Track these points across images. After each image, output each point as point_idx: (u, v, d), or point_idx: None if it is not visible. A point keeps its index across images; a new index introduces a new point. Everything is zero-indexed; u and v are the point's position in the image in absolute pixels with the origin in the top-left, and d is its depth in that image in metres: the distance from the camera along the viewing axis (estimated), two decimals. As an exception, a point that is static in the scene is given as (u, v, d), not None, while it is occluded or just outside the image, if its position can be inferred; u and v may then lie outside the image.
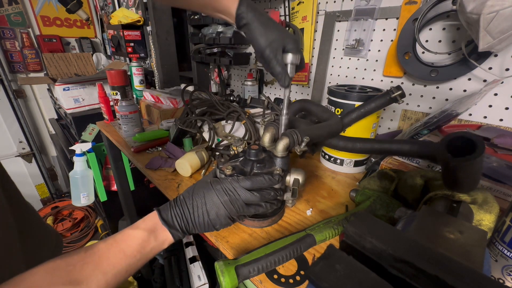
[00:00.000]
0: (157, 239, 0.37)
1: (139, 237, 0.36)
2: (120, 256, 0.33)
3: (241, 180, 0.42)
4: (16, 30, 2.02)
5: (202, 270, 1.05)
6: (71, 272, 0.29)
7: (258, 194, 0.42)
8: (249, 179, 0.42)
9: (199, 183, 0.43)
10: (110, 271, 0.32)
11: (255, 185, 0.42)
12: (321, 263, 0.26)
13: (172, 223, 0.38)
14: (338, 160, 0.73)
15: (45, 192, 2.47)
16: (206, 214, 0.39)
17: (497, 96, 0.63)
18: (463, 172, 0.37)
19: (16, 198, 0.50)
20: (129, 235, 0.36)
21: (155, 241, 0.37)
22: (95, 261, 0.32)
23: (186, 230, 0.39)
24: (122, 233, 0.36)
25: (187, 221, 0.39)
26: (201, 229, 0.40)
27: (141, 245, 0.35)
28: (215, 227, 0.40)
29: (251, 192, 0.41)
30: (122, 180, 1.39)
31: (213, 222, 0.39)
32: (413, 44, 0.71)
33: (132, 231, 0.36)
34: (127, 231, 0.36)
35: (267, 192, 0.44)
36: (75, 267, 0.30)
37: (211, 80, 1.53)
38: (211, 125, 0.81)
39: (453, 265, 0.23)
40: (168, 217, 0.38)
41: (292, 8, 1.00)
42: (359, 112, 0.63)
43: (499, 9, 0.45)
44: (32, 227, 0.53)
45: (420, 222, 0.33)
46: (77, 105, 1.54)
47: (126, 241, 0.35)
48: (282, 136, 0.50)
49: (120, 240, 0.35)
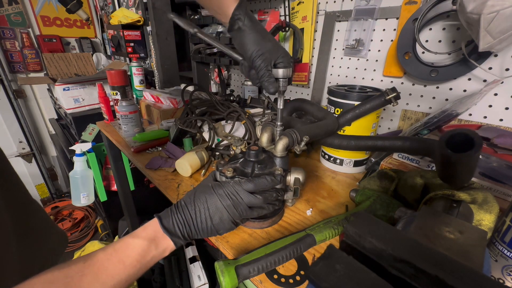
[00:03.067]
0: (158, 248, 0.36)
1: (139, 246, 0.35)
2: (119, 267, 0.33)
3: (243, 183, 0.41)
4: (16, 30, 2.02)
5: (202, 270, 1.05)
6: (69, 284, 0.29)
7: (261, 197, 0.42)
8: (252, 182, 0.42)
9: (200, 188, 0.42)
10: (109, 283, 0.31)
11: (258, 188, 0.42)
12: (321, 263, 0.26)
13: (173, 230, 0.37)
14: (338, 160, 0.73)
15: (45, 192, 2.46)
16: (210, 220, 0.38)
17: (497, 96, 0.63)
18: (462, 167, 0.37)
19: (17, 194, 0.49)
20: (129, 245, 0.35)
21: (155, 250, 0.36)
22: (93, 272, 0.31)
23: (188, 236, 0.38)
24: (121, 242, 0.35)
25: (189, 228, 0.38)
26: (204, 234, 0.39)
27: (141, 254, 0.35)
28: (219, 232, 0.40)
29: (254, 195, 0.41)
30: (122, 180, 1.39)
31: (217, 228, 0.39)
32: (413, 44, 0.71)
33: (132, 240, 0.35)
34: (127, 240, 0.35)
35: (270, 193, 0.43)
36: (73, 279, 0.29)
37: (211, 80, 1.53)
38: (211, 125, 0.81)
39: (453, 265, 0.23)
40: (170, 225, 0.38)
41: (292, 8, 1.00)
42: (354, 113, 0.63)
43: (499, 9, 0.45)
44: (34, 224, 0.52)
45: (420, 222, 0.33)
46: (77, 105, 1.54)
47: (126, 251, 0.34)
48: (282, 136, 0.50)
49: (119, 250, 0.34)
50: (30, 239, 0.50)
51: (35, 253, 0.51)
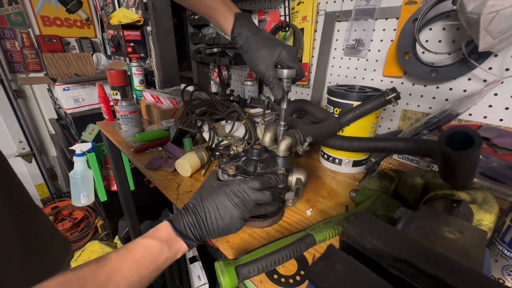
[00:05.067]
0: (171, 250, 0.36)
1: (152, 247, 0.35)
2: (132, 268, 0.32)
3: (249, 181, 0.42)
4: (16, 30, 2.02)
5: (202, 270, 1.05)
6: (82, 286, 0.28)
7: (268, 193, 0.42)
8: (258, 180, 0.42)
9: (205, 189, 0.42)
10: (122, 284, 0.31)
11: (263, 185, 0.42)
12: (321, 263, 0.26)
13: (186, 233, 0.37)
14: (337, 160, 0.73)
15: (45, 192, 2.46)
16: (220, 220, 0.38)
17: (497, 96, 0.63)
18: (462, 165, 0.37)
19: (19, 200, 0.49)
20: (142, 245, 0.35)
21: (168, 251, 0.36)
22: (107, 273, 0.30)
23: (200, 238, 0.38)
24: (134, 243, 0.35)
25: (201, 229, 0.38)
26: (216, 235, 0.39)
27: (154, 255, 0.34)
28: (230, 232, 0.40)
29: (262, 192, 0.42)
30: (122, 180, 1.39)
31: (228, 227, 0.39)
32: (413, 44, 0.71)
33: (145, 240, 0.35)
34: (140, 241, 0.35)
35: (275, 190, 0.44)
36: (86, 280, 0.29)
37: (211, 80, 1.53)
38: (211, 125, 0.81)
39: (453, 265, 0.23)
40: (182, 227, 0.37)
41: (292, 8, 1.00)
42: (354, 113, 0.63)
43: (499, 9, 0.45)
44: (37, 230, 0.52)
45: (420, 222, 0.33)
46: (77, 105, 1.54)
47: (139, 251, 0.34)
48: (285, 136, 0.50)
49: (132, 250, 0.34)
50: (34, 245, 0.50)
51: (39, 260, 0.50)
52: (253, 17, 1.22)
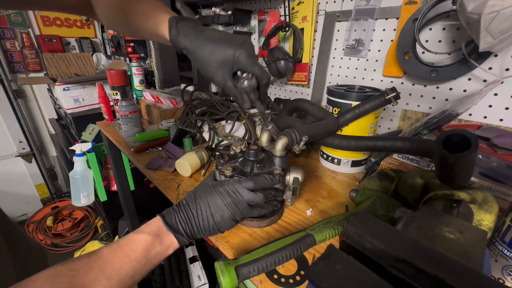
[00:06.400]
0: (162, 244, 0.36)
1: (143, 241, 0.35)
2: (125, 261, 0.32)
3: (243, 181, 0.42)
4: (16, 30, 2.02)
5: (202, 270, 1.05)
6: (74, 278, 0.28)
7: (261, 194, 0.42)
8: (252, 180, 0.42)
9: (200, 187, 0.42)
10: (115, 276, 0.31)
11: (257, 186, 0.42)
12: (321, 263, 0.26)
13: (177, 227, 0.37)
14: (336, 160, 0.73)
15: (45, 192, 2.46)
16: (211, 218, 0.39)
17: (497, 96, 0.63)
18: (459, 167, 0.37)
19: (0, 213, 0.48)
20: (134, 239, 0.35)
21: (160, 245, 0.36)
22: (99, 266, 0.31)
23: (191, 235, 0.38)
24: (126, 238, 0.35)
25: (191, 226, 0.38)
26: (206, 233, 0.39)
27: (146, 249, 0.34)
28: (220, 230, 0.40)
29: (254, 193, 0.41)
30: (122, 180, 1.39)
31: (218, 225, 0.39)
32: (413, 44, 0.71)
33: (136, 235, 0.35)
34: (131, 236, 0.35)
35: (269, 191, 0.44)
36: (78, 272, 0.29)
37: (211, 80, 1.52)
38: (211, 125, 0.81)
39: (453, 265, 0.23)
40: (173, 222, 0.38)
41: (292, 8, 1.00)
42: (353, 113, 0.63)
43: (499, 9, 0.45)
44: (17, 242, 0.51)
45: (420, 222, 0.33)
46: (77, 105, 1.54)
47: (131, 245, 0.34)
48: (281, 136, 0.50)
49: (124, 245, 0.34)
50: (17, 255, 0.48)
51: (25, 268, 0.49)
52: (253, 17, 1.22)
